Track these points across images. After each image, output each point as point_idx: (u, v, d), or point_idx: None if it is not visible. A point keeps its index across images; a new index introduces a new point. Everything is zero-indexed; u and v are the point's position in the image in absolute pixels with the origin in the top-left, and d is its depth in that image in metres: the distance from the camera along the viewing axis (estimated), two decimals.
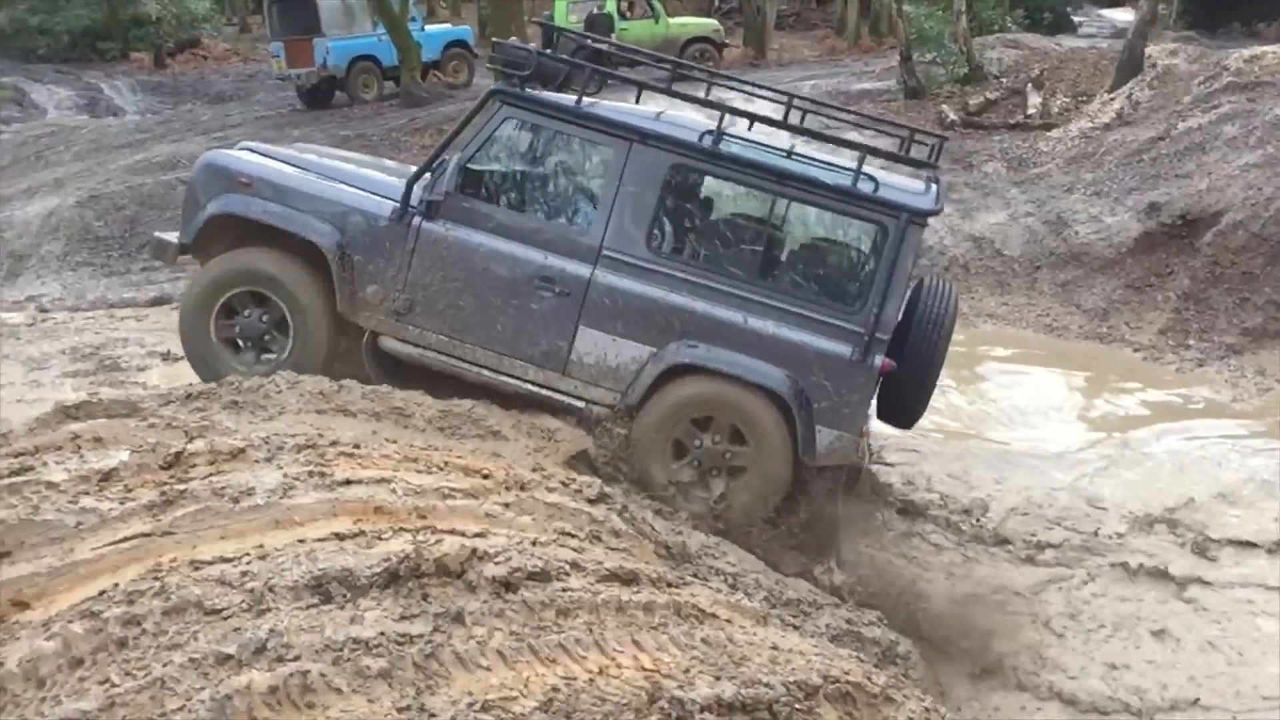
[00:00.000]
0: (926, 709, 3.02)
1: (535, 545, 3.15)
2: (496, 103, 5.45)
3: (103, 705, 2.24)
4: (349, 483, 3.43)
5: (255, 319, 5.58)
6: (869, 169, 5.25)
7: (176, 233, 5.86)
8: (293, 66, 20.07)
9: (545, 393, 5.41)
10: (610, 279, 5.32)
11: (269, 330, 5.59)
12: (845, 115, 6.97)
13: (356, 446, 3.92)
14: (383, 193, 5.55)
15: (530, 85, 5.53)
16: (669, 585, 3.29)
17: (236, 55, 31.44)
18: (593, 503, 4.01)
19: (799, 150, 5.41)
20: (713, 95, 5.87)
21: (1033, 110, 15.70)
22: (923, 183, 5.48)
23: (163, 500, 3.17)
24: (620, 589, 3.05)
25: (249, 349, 5.63)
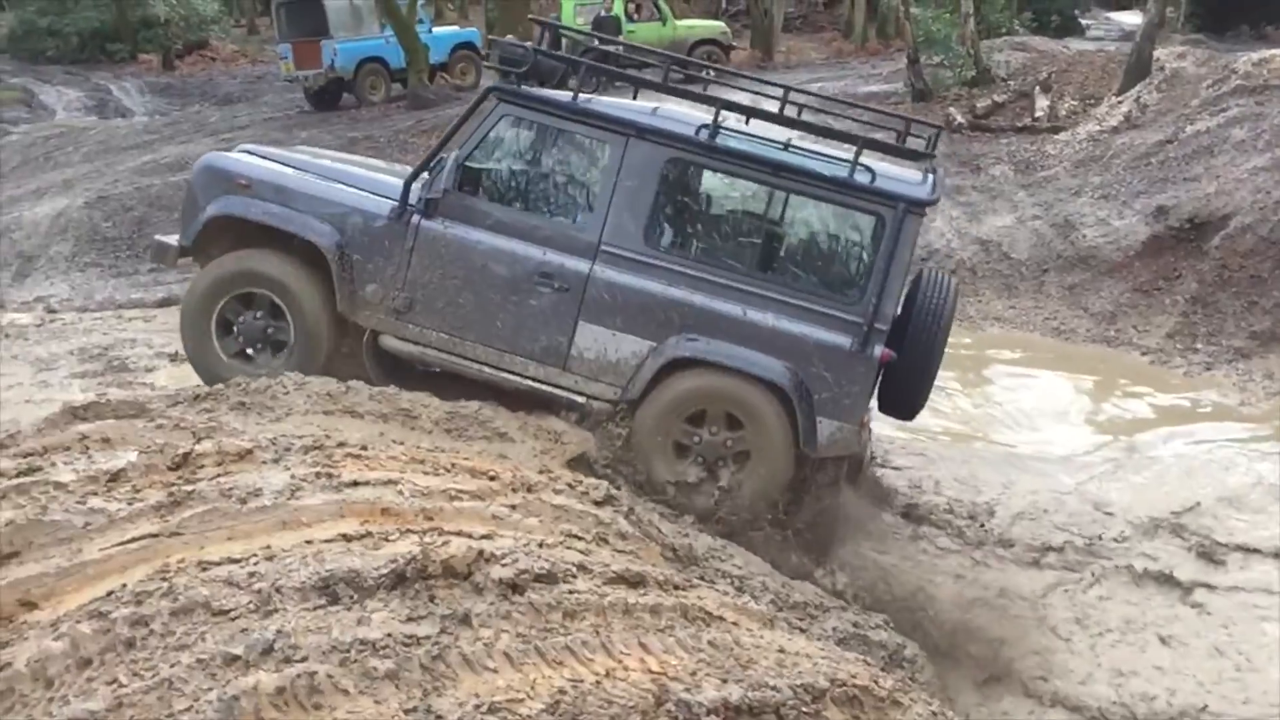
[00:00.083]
0: (933, 712, 3.01)
1: (542, 547, 3.15)
2: (493, 100, 5.46)
3: (110, 706, 2.24)
4: (356, 484, 3.43)
5: (256, 320, 5.59)
6: (866, 160, 5.24)
7: (177, 235, 5.87)
8: (300, 68, 20.14)
9: (546, 389, 5.40)
10: (609, 274, 5.32)
11: (270, 331, 5.59)
12: (840, 109, 6.95)
13: (364, 448, 3.93)
14: (381, 192, 5.55)
15: (528, 83, 5.53)
16: (676, 588, 3.29)
17: (244, 57, 31.59)
18: (599, 505, 4.00)
19: (796, 143, 5.41)
20: (713, 92, 5.86)
21: (1040, 113, 15.67)
22: (920, 173, 5.47)
23: (170, 501, 3.18)
24: (627, 591, 3.05)
25: (250, 350, 5.63)
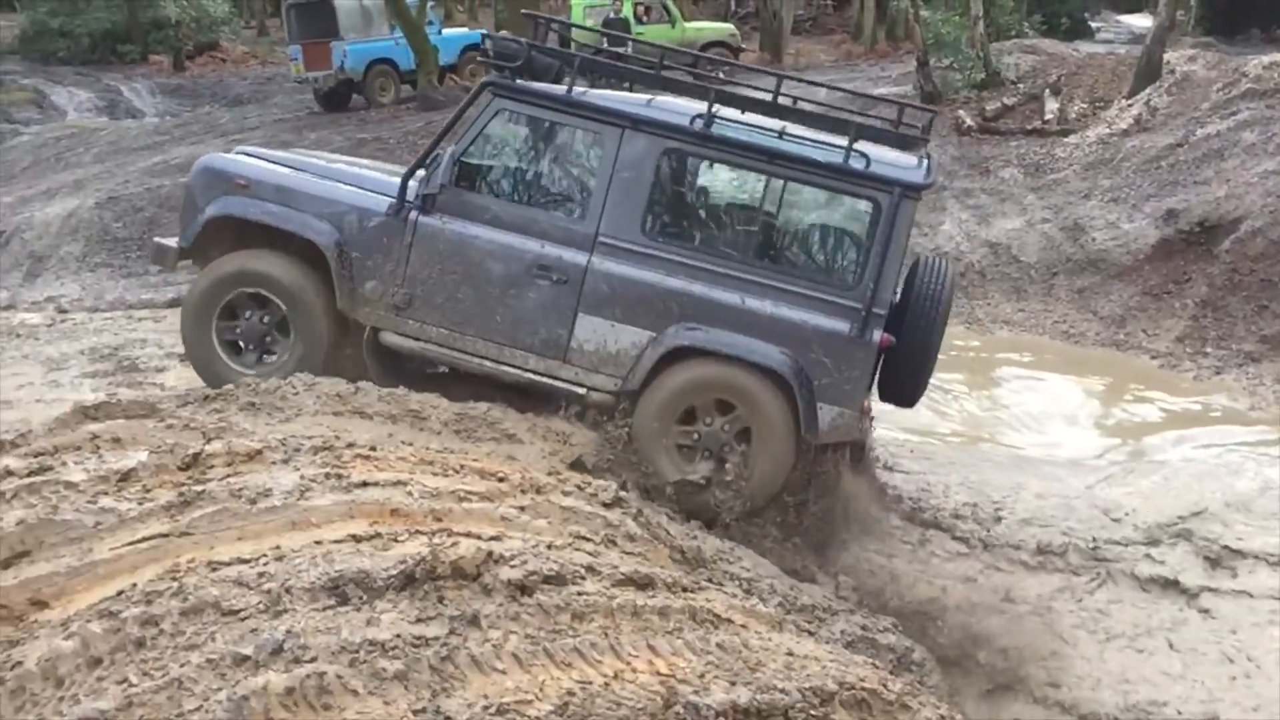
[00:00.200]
0: (942, 716, 3.00)
1: (551, 549, 3.14)
2: (488, 95, 5.47)
3: (120, 705, 2.25)
4: (365, 485, 3.43)
5: (256, 320, 5.61)
6: (861, 146, 5.25)
7: (176, 237, 5.88)
8: (310, 69, 20.19)
9: (546, 381, 5.41)
10: (607, 265, 5.33)
11: (270, 331, 5.61)
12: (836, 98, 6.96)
13: (373, 449, 3.93)
14: (379, 190, 5.58)
15: (522, 78, 5.54)
16: (684, 590, 3.28)
17: (255, 58, 31.67)
18: (608, 507, 4.00)
19: (791, 131, 5.42)
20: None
21: (1050, 116, 15.64)
22: (915, 157, 5.47)
23: (180, 501, 3.18)
24: (635, 593, 3.05)
25: (250, 350, 5.64)
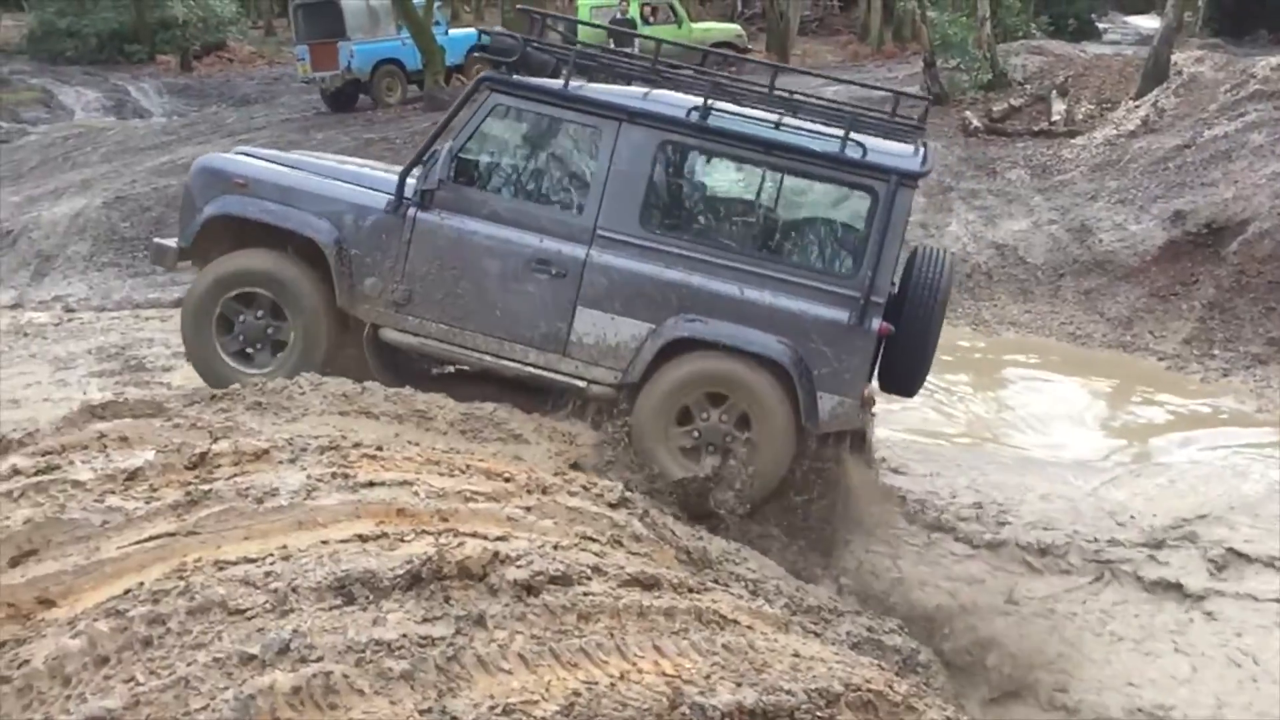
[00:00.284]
0: (948, 718, 3.00)
1: (557, 549, 3.15)
2: (485, 90, 5.49)
3: (127, 704, 2.25)
4: (372, 485, 3.43)
5: (256, 320, 5.61)
6: (857, 135, 5.26)
7: (175, 238, 5.90)
8: (317, 69, 20.20)
9: (547, 375, 5.43)
10: (606, 258, 5.35)
11: (270, 330, 5.62)
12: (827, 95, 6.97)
13: (379, 448, 3.94)
14: (377, 187, 5.60)
15: (519, 73, 5.56)
16: (690, 591, 3.28)
17: (262, 58, 31.74)
18: (614, 507, 4.00)
19: (787, 121, 5.44)
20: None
21: (1057, 117, 15.62)
22: (911, 146, 5.49)
23: (187, 500, 3.19)
24: (641, 594, 3.05)
25: (251, 350, 5.66)
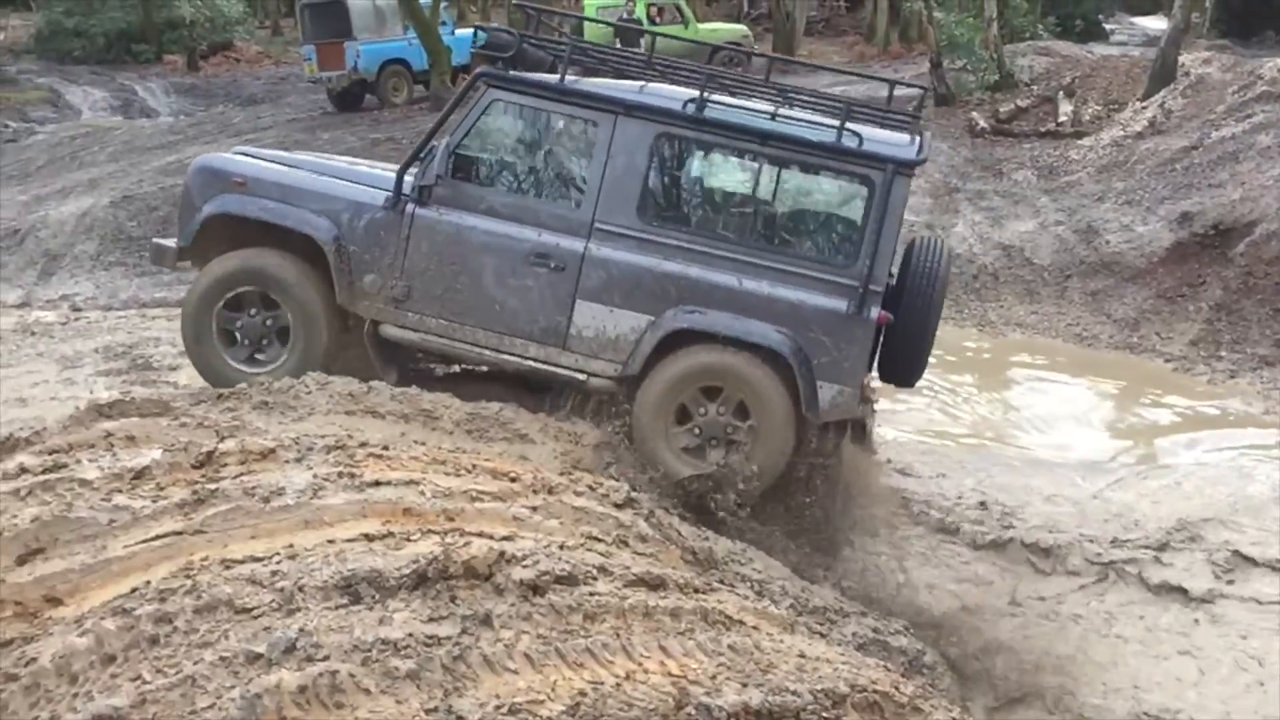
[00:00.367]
0: (954, 719, 3.00)
1: (563, 549, 3.15)
2: (482, 85, 5.51)
3: (134, 702, 2.26)
4: (378, 484, 3.44)
5: (256, 318, 5.62)
6: (853, 125, 5.27)
7: (175, 239, 5.90)
8: (324, 69, 20.24)
9: (547, 369, 5.45)
10: (604, 251, 5.37)
11: (270, 329, 5.62)
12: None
13: (385, 448, 3.94)
14: (375, 184, 5.62)
15: (515, 68, 5.57)
16: (696, 591, 3.28)
17: (268, 58, 31.77)
18: (620, 507, 4.00)
19: (784, 112, 5.45)
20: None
21: (1064, 118, 15.60)
22: (908, 135, 5.49)
23: (194, 499, 3.20)
24: (647, 594, 3.05)
25: (252, 349, 5.66)
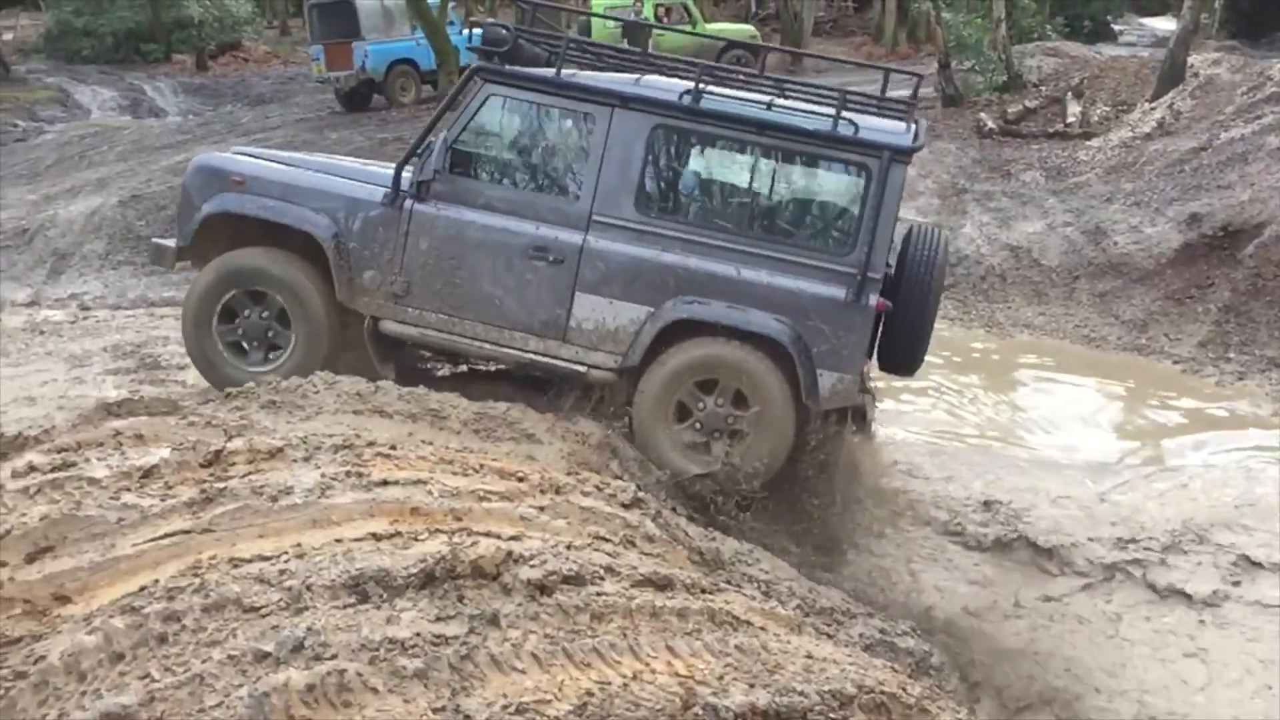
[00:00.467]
0: None
1: (570, 549, 3.15)
2: (478, 81, 5.52)
3: (143, 700, 2.26)
4: (386, 483, 3.45)
5: (257, 318, 5.62)
6: (849, 114, 5.30)
7: (174, 239, 5.92)
8: (332, 69, 20.27)
9: (547, 361, 5.47)
10: (602, 243, 5.38)
11: (271, 328, 5.63)
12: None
13: (393, 448, 3.95)
14: (373, 181, 5.64)
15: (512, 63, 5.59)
16: (703, 591, 3.28)
17: (277, 58, 31.86)
18: (627, 507, 4.00)
19: (779, 102, 5.47)
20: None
21: (1072, 119, 15.55)
22: (903, 123, 5.51)
23: (202, 498, 3.21)
24: (654, 594, 3.05)
25: (253, 348, 5.66)
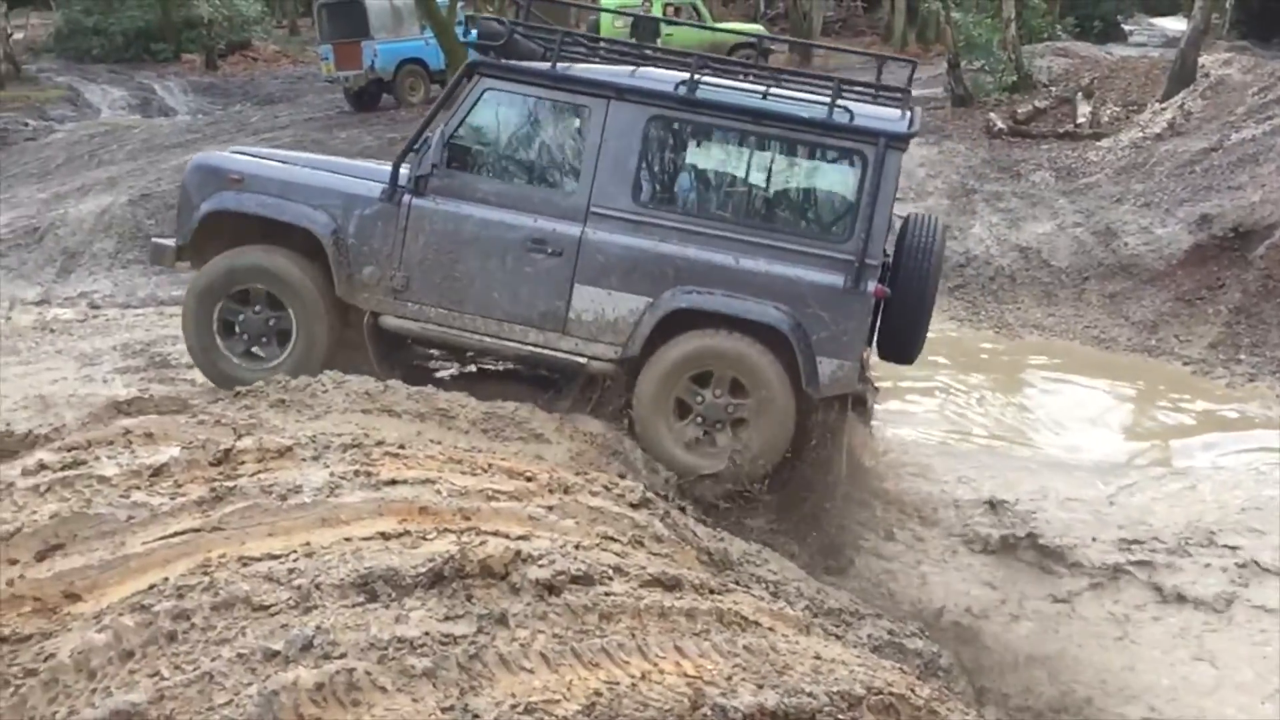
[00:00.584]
0: None
1: (578, 549, 3.15)
2: (475, 75, 5.54)
3: (152, 698, 2.26)
4: (394, 483, 3.45)
5: (257, 316, 5.63)
6: (844, 101, 5.32)
7: (174, 238, 5.93)
8: (341, 69, 20.29)
9: (547, 353, 5.50)
10: (601, 235, 5.41)
11: (271, 325, 5.64)
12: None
13: (402, 447, 3.95)
14: (372, 178, 5.66)
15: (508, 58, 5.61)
16: (711, 592, 3.28)
17: (286, 57, 31.87)
18: (635, 507, 4.00)
19: (775, 91, 5.49)
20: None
21: (1082, 119, 15.51)
22: (898, 110, 5.52)
23: (212, 496, 3.21)
24: (663, 594, 3.04)
25: (253, 346, 5.68)
